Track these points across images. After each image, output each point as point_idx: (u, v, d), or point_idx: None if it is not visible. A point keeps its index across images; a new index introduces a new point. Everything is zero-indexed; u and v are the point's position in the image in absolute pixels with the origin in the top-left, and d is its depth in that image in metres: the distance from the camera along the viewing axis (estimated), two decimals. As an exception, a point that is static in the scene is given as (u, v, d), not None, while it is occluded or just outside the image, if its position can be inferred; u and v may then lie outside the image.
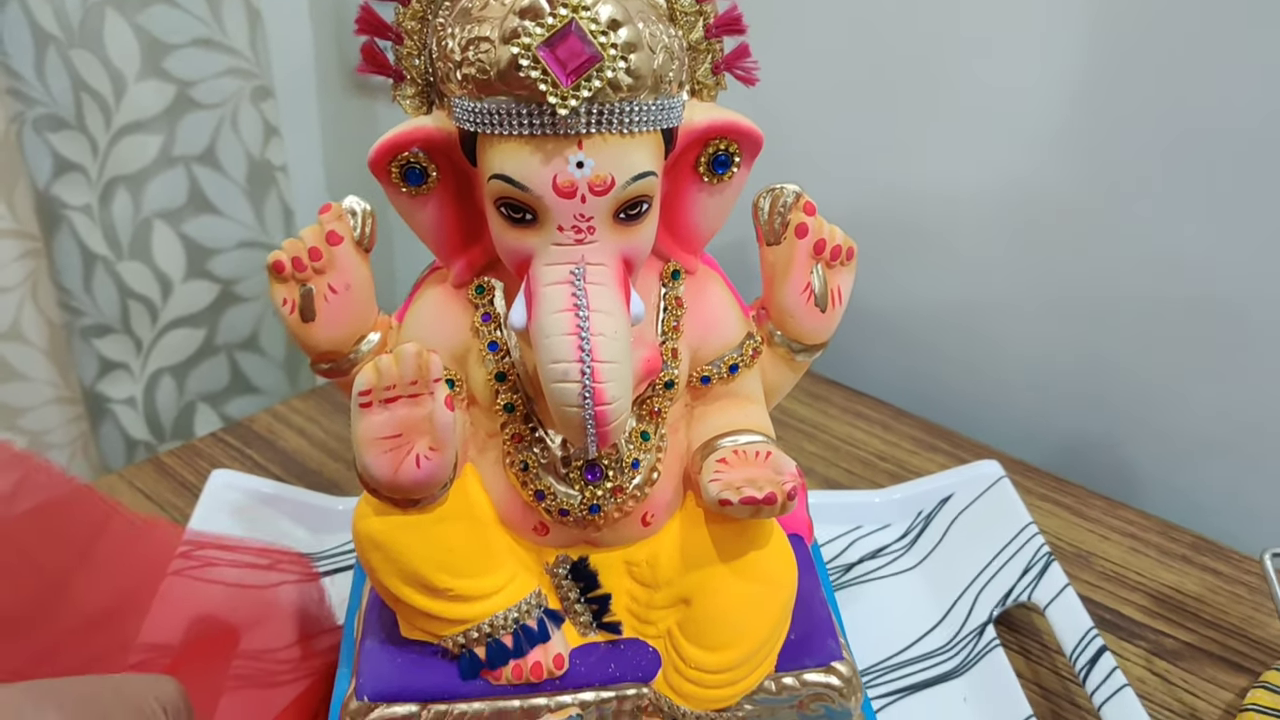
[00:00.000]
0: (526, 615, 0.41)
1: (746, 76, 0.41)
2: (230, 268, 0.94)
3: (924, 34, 0.67)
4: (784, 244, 0.43)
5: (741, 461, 0.40)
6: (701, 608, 0.41)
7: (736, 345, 0.42)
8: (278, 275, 0.40)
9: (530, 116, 0.34)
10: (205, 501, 0.55)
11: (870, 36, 0.69)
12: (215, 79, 0.87)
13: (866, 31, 0.69)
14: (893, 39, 0.68)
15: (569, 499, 0.40)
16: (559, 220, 0.35)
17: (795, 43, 0.72)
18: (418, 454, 0.37)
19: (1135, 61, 0.59)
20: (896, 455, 0.66)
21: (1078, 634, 0.49)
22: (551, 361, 0.35)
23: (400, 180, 0.39)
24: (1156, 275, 0.63)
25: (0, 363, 0.86)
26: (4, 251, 0.83)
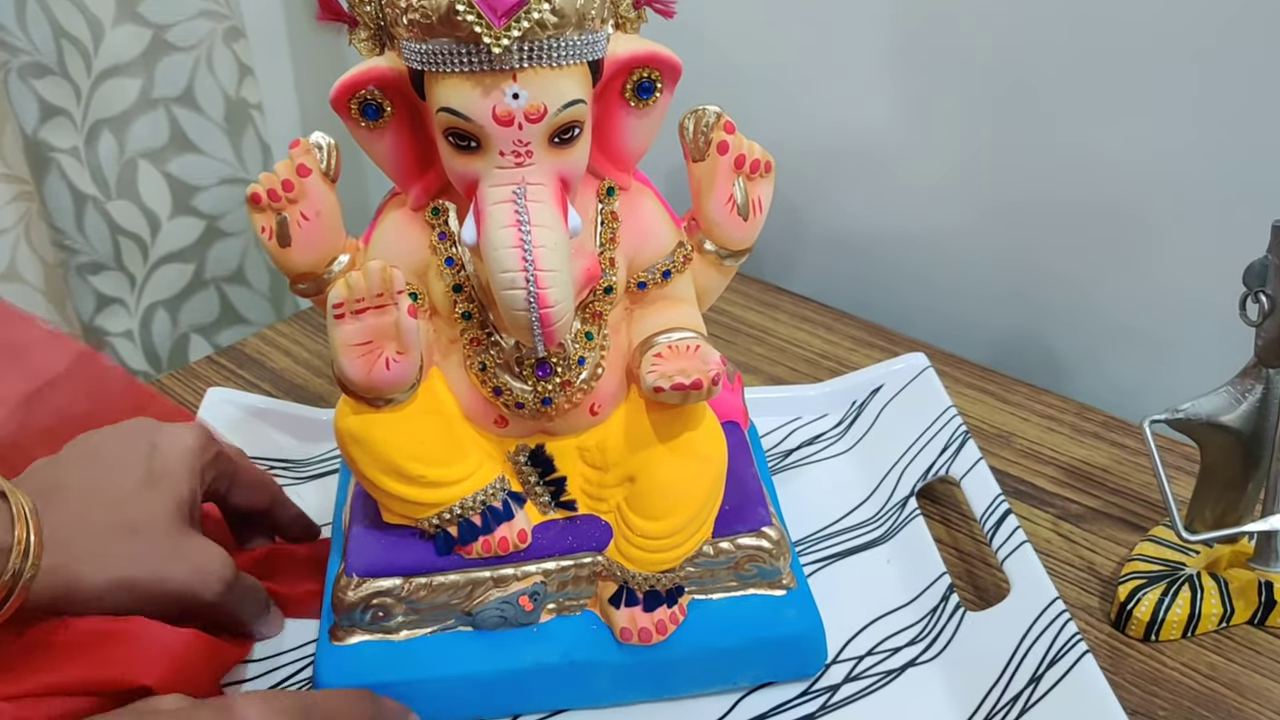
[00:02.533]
0: (492, 497, 0.47)
1: (665, 10, 0.45)
2: (214, 203, 0.98)
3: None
4: (708, 160, 0.48)
5: (675, 355, 0.46)
6: (644, 483, 0.47)
7: (669, 253, 0.48)
8: (255, 206, 0.45)
9: (469, 55, 0.39)
10: (203, 416, 0.61)
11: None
12: (189, 21, 0.91)
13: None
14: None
15: (523, 393, 0.46)
16: (500, 146, 0.40)
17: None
18: (387, 357, 0.43)
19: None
20: (837, 354, 0.72)
21: (987, 500, 0.55)
22: (500, 271, 0.40)
23: (359, 116, 0.43)
24: (1070, 179, 0.68)
25: (0, 303, 0.91)
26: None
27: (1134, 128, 0.64)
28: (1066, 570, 0.55)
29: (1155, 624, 0.51)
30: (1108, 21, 0.63)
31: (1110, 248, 0.69)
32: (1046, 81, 0.67)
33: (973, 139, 0.71)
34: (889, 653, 0.51)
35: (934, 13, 0.69)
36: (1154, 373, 0.70)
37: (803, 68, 0.76)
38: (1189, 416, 0.51)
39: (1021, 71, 0.67)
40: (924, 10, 0.69)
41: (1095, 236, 0.69)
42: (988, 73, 0.69)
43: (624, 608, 0.48)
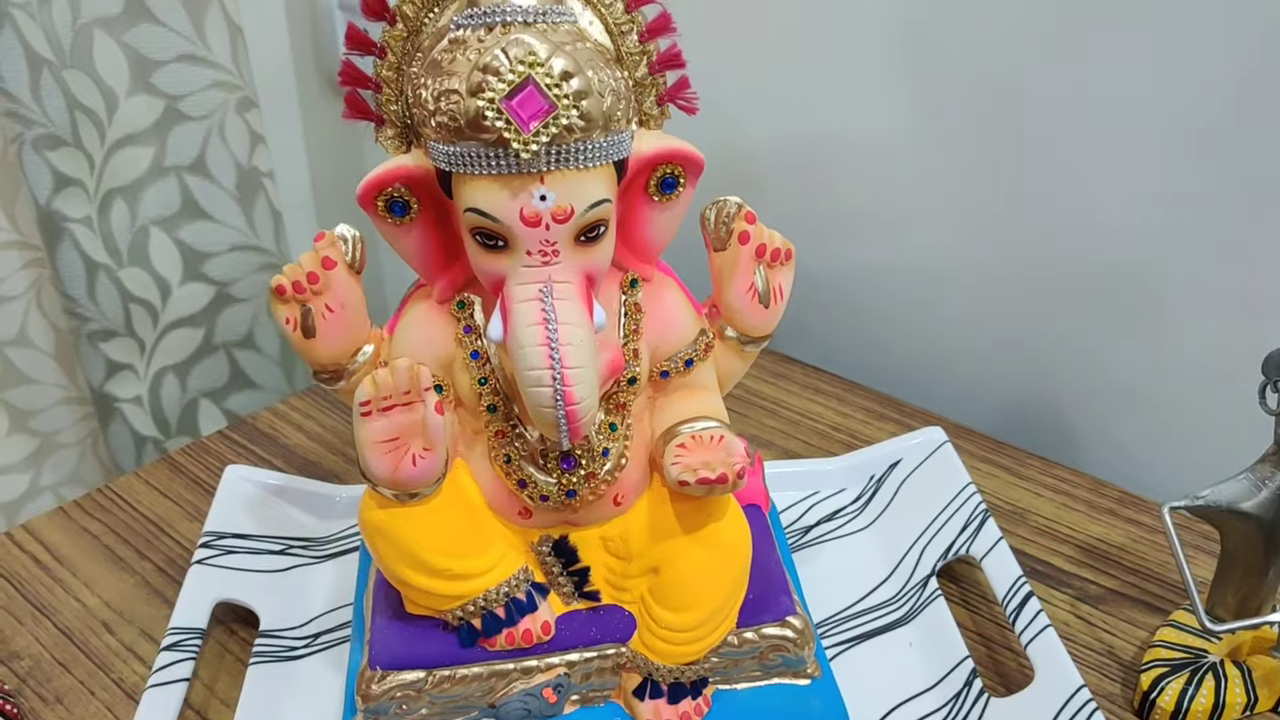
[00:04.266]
0: (516, 589, 0.47)
1: (688, 106, 0.46)
2: (225, 270, 0.98)
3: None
4: (729, 249, 0.48)
5: (698, 445, 0.46)
6: (669, 575, 0.47)
7: (691, 342, 0.48)
8: (280, 297, 0.46)
9: (497, 158, 0.39)
10: (221, 494, 0.61)
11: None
12: (202, 92, 0.92)
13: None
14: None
15: (548, 486, 0.46)
16: (527, 246, 0.41)
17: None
18: (413, 454, 0.43)
19: (1058, 41, 0.64)
20: (850, 426, 0.72)
21: (1008, 582, 0.55)
22: (527, 369, 0.41)
23: (386, 212, 0.44)
24: (1079, 246, 0.68)
25: (9, 367, 0.91)
26: (8, 262, 0.88)
27: (1142, 195, 0.65)
28: (1086, 654, 0.55)
29: (1180, 714, 0.51)
30: (1117, 89, 0.63)
31: (1120, 315, 0.69)
32: (1055, 149, 0.67)
33: (982, 207, 0.72)
34: (913, 741, 0.50)
35: (947, 83, 0.70)
36: (1165, 439, 0.70)
37: (814, 140, 0.77)
38: (1209, 503, 0.51)
39: (1031, 139, 0.68)
40: (938, 82, 0.70)
41: (1105, 303, 0.69)
42: (997, 141, 0.69)
43: (648, 700, 0.47)
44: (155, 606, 0.59)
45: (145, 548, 0.63)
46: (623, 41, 0.44)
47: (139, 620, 0.58)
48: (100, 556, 0.62)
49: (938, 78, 0.70)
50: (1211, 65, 0.60)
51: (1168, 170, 0.64)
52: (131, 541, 0.63)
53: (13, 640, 0.56)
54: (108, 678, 0.54)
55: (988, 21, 0.66)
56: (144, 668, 0.55)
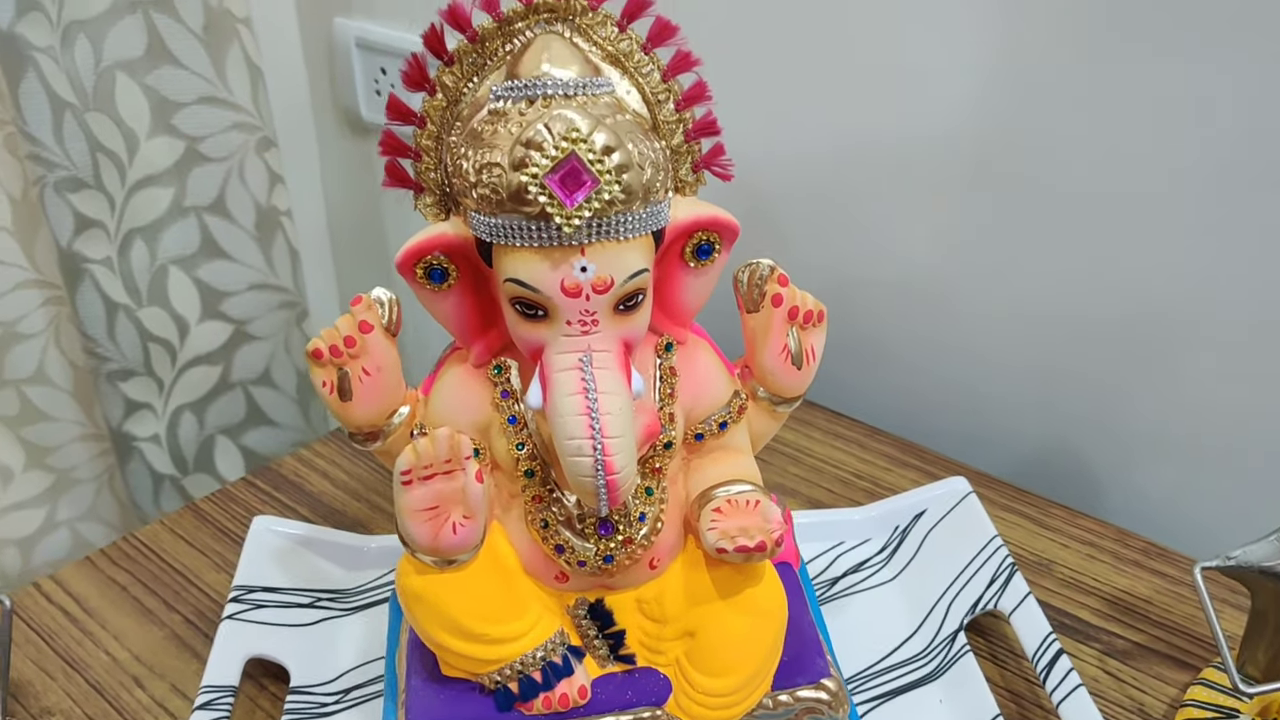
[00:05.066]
0: (552, 653, 0.47)
1: (723, 174, 0.47)
2: (243, 308, 0.99)
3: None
4: (762, 312, 0.49)
5: (734, 510, 0.46)
6: (705, 639, 0.47)
7: (725, 404, 0.48)
8: (317, 361, 0.46)
9: (539, 231, 0.40)
10: (249, 546, 0.61)
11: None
12: (222, 134, 0.92)
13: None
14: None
15: (585, 551, 0.46)
16: (567, 316, 0.41)
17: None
18: (454, 522, 0.43)
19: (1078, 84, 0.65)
20: (872, 473, 0.72)
21: (1038, 639, 0.54)
22: (567, 438, 0.41)
23: (424, 279, 0.44)
24: (1098, 292, 0.69)
25: (27, 404, 0.91)
26: (27, 300, 0.88)
27: (1162, 236, 0.65)
28: (1117, 712, 0.55)
29: (1213, 772, 0.51)
30: (1138, 133, 0.64)
31: (1142, 359, 0.69)
32: (1075, 191, 0.68)
33: (1002, 250, 0.72)
34: (946, 803, 0.50)
35: (964, 127, 0.70)
36: (1190, 487, 0.70)
37: (828, 182, 0.77)
38: (1240, 564, 0.51)
39: (1048, 182, 0.68)
40: (954, 125, 0.70)
41: (1126, 348, 0.70)
42: (1015, 184, 0.70)
43: (684, 764, 0.47)
44: (185, 660, 0.59)
45: (173, 599, 0.63)
46: (659, 110, 0.45)
47: (169, 675, 0.58)
48: (129, 608, 0.62)
49: (953, 121, 0.70)
50: (1233, 107, 0.60)
51: (1188, 211, 0.64)
52: (159, 592, 0.63)
53: (44, 695, 0.56)
54: (138, 735, 0.54)
55: (1006, 63, 0.66)
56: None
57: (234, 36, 0.90)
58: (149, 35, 0.87)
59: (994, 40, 0.66)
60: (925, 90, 0.70)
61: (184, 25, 0.88)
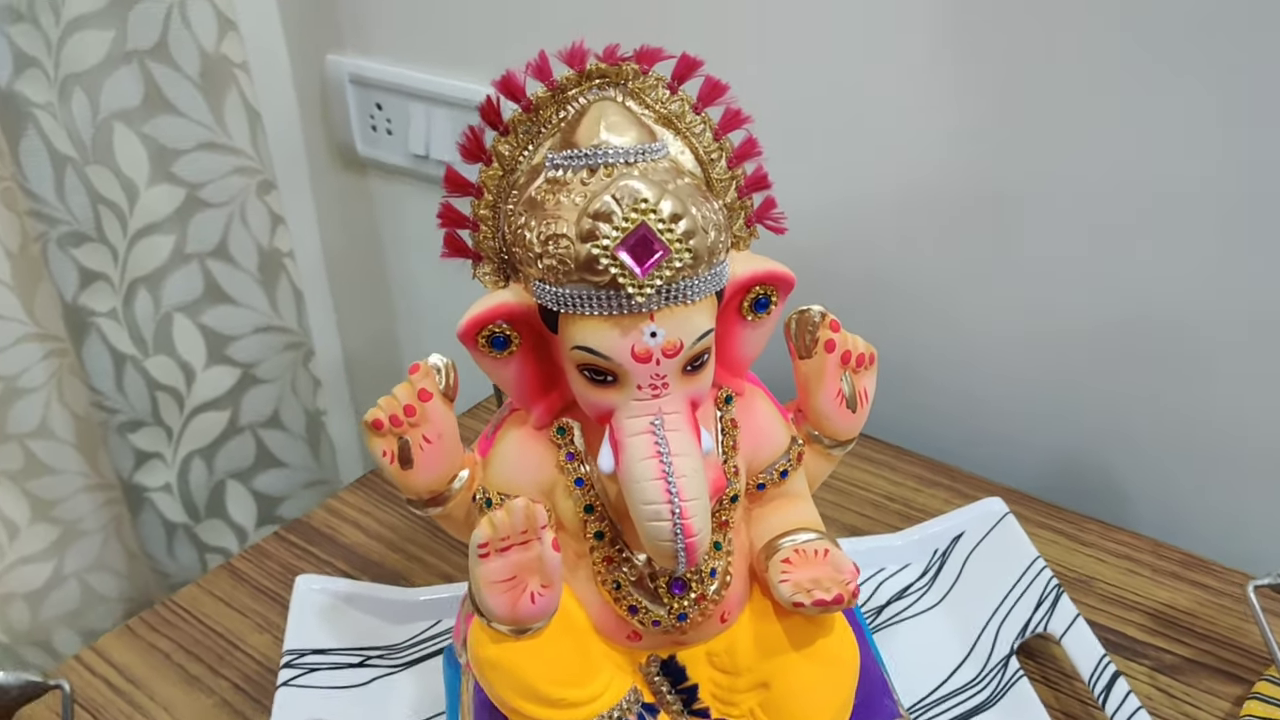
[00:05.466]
0: (628, 712, 0.47)
1: (776, 227, 0.47)
2: (249, 352, 0.98)
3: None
4: (815, 358, 0.49)
5: (803, 560, 0.46)
6: (780, 690, 0.47)
7: (784, 451, 0.49)
8: (377, 431, 0.46)
9: (609, 300, 0.40)
10: (295, 607, 0.60)
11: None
12: (222, 179, 0.91)
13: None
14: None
15: (659, 611, 0.46)
16: (638, 380, 0.41)
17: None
18: (531, 592, 0.43)
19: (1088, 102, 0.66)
20: (903, 495, 0.73)
21: (1092, 661, 0.55)
22: (644, 503, 0.41)
23: (487, 346, 0.44)
24: (1118, 302, 0.70)
25: (31, 459, 0.90)
26: (28, 354, 0.87)
27: (1180, 245, 0.66)
28: (1171, 731, 0.56)
29: (1275, 786, 0.52)
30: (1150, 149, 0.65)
31: (1163, 369, 0.70)
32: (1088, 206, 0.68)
33: (1017, 268, 0.73)
34: (1018, 833, 0.51)
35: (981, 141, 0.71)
36: (1216, 496, 0.71)
37: (846, 205, 0.78)
38: (1292, 579, 0.52)
39: (1062, 202, 0.69)
40: (971, 140, 0.71)
41: (1147, 358, 0.70)
42: (1029, 200, 0.70)
43: (764, 816, 0.48)
44: (237, 730, 0.58)
45: (218, 664, 0.62)
46: (712, 168, 0.45)
47: (223, 747, 0.57)
48: (174, 676, 0.61)
49: (968, 136, 0.71)
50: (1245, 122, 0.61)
51: (1191, 218, 0.65)
52: (203, 658, 0.62)
53: (102, 774, 0.56)
54: (199, 813, 0.54)
55: (1017, 77, 0.67)
56: (234, 799, 0.54)
57: (231, 81, 0.89)
58: (145, 84, 0.86)
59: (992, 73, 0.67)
60: (930, 120, 0.71)
61: (181, 73, 0.87)
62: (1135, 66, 0.63)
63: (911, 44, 0.70)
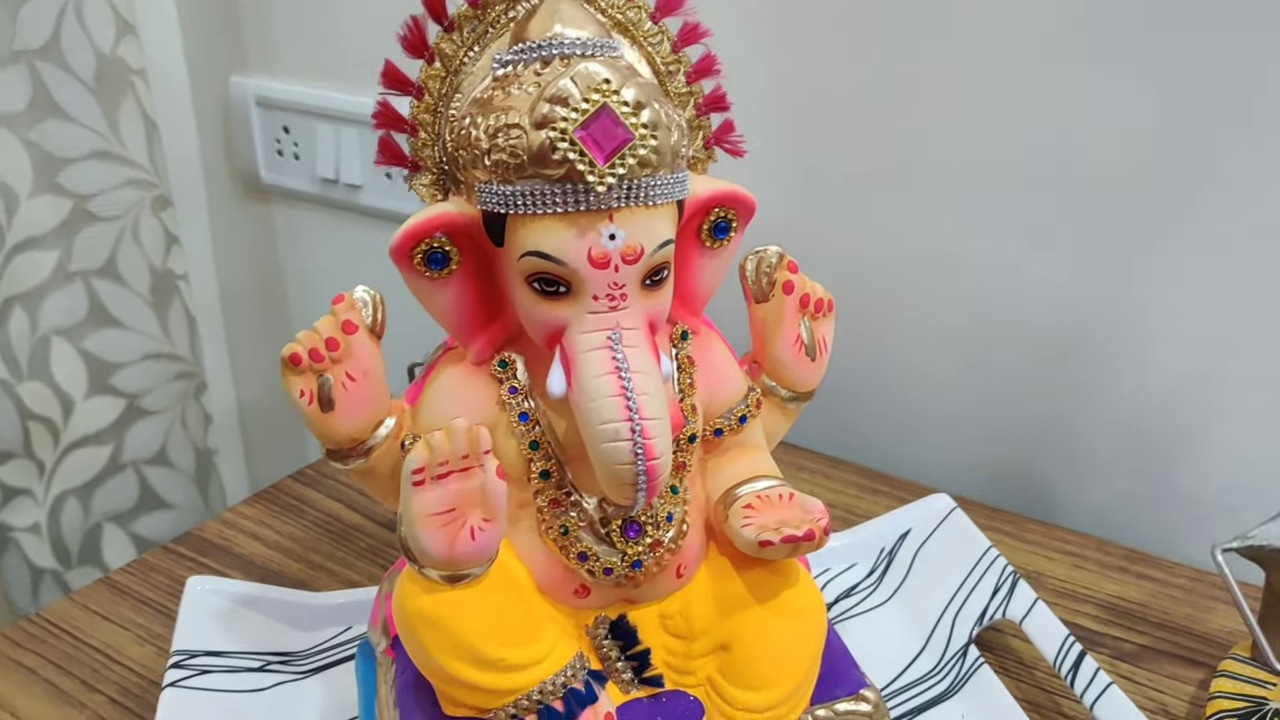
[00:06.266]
0: (573, 679, 0.42)
1: (734, 149, 0.44)
2: (136, 381, 0.91)
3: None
4: (772, 301, 0.46)
5: (767, 505, 0.42)
6: (742, 650, 0.43)
7: (742, 398, 0.45)
8: (294, 368, 0.41)
9: (564, 195, 0.36)
10: (186, 608, 0.54)
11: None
12: (114, 191, 0.86)
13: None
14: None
15: (611, 557, 0.41)
16: (594, 290, 0.38)
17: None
18: (472, 526, 0.38)
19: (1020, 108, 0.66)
20: (844, 501, 0.70)
21: (1057, 642, 0.52)
22: (601, 423, 0.37)
23: (423, 265, 0.40)
24: (1037, 312, 0.69)
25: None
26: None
27: (1094, 255, 0.66)
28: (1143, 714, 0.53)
29: (1253, 762, 0.49)
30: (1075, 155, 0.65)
31: (1088, 374, 0.70)
32: (1004, 218, 0.68)
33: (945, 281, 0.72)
34: (995, 818, 0.47)
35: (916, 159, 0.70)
36: (1148, 492, 0.70)
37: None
38: (1260, 544, 0.50)
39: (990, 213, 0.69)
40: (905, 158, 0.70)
41: (1073, 364, 0.70)
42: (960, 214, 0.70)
43: (726, 793, 0.43)
44: (114, 744, 0.51)
45: (93, 678, 0.55)
46: (670, 81, 0.43)
47: (97, 762, 0.50)
48: (41, 692, 0.54)
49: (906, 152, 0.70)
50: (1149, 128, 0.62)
51: (1106, 231, 0.65)
52: (76, 673, 0.55)
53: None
54: (68, 831, 0.47)
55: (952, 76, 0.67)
56: (111, 815, 0.47)
57: (128, 88, 0.85)
58: (33, 86, 0.80)
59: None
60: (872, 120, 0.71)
61: (73, 74, 0.82)
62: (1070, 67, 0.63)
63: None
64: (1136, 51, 0.61)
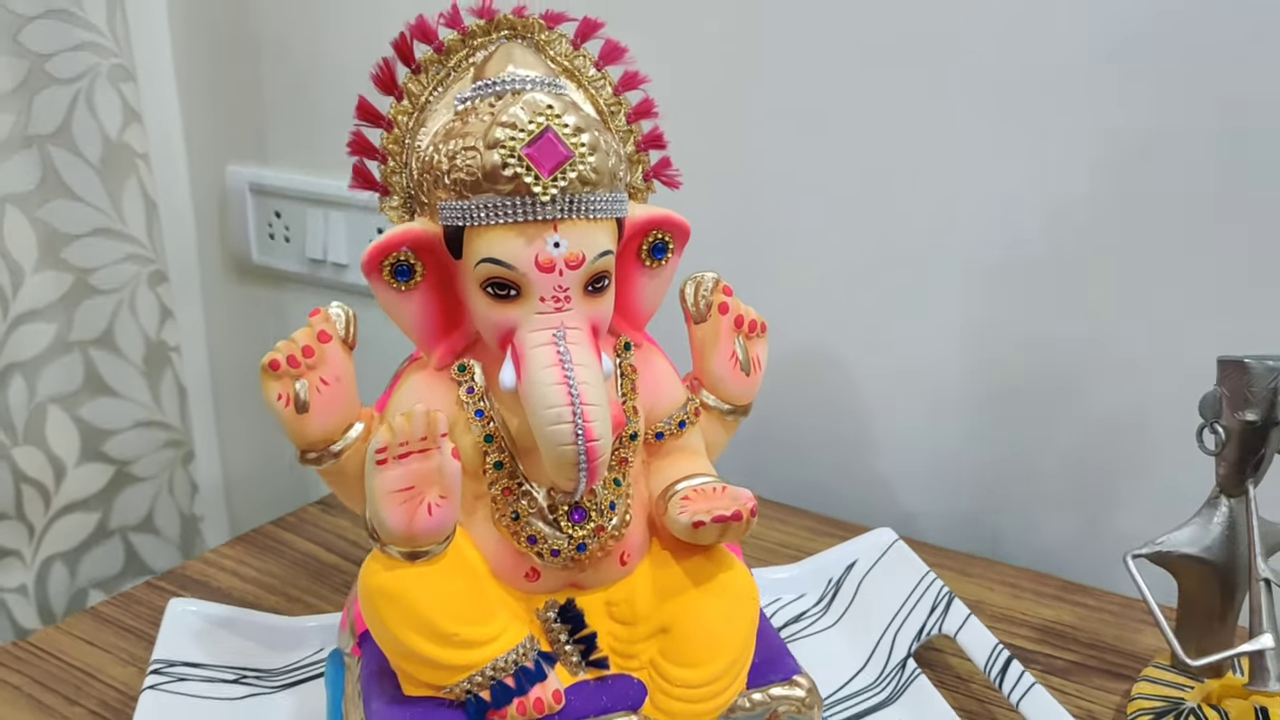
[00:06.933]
0: (524, 657, 0.45)
1: (670, 182, 0.50)
2: (126, 448, 0.95)
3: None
4: (709, 321, 0.51)
5: (701, 496, 0.46)
6: (681, 630, 0.46)
7: (682, 405, 0.50)
8: (273, 373, 0.45)
9: (513, 207, 0.42)
10: (167, 625, 0.57)
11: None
12: (114, 266, 0.91)
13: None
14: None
15: (558, 540, 0.45)
16: (540, 292, 0.42)
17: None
18: (429, 503, 0.42)
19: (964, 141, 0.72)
20: (796, 542, 0.73)
21: (987, 650, 0.56)
22: (546, 408, 0.41)
23: (391, 277, 0.45)
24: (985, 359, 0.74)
25: None
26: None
27: (1014, 299, 0.71)
28: (1069, 715, 0.56)
29: (1170, 756, 0.52)
30: (1003, 199, 0.71)
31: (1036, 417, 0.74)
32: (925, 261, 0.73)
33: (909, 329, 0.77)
34: (925, 805, 0.50)
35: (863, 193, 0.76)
36: (1091, 532, 0.73)
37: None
38: (1166, 550, 0.54)
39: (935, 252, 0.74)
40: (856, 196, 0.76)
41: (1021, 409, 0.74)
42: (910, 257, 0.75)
43: (665, 768, 0.46)
44: (93, 750, 0.54)
45: (74, 694, 0.57)
46: (612, 120, 0.48)
47: (76, 764, 0.53)
48: (23, 704, 0.57)
49: (848, 202, 0.76)
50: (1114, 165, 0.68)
51: (1026, 276, 0.70)
52: (58, 689, 0.58)
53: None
54: (46, 823, 0.49)
55: (900, 124, 0.73)
56: (87, 810, 0.50)
57: (132, 170, 0.91)
58: (43, 168, 0.86)
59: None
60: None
61: (81, 158, 0.88)
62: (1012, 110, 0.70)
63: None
64: (1080, 110, 0.67)
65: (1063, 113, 0.67)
